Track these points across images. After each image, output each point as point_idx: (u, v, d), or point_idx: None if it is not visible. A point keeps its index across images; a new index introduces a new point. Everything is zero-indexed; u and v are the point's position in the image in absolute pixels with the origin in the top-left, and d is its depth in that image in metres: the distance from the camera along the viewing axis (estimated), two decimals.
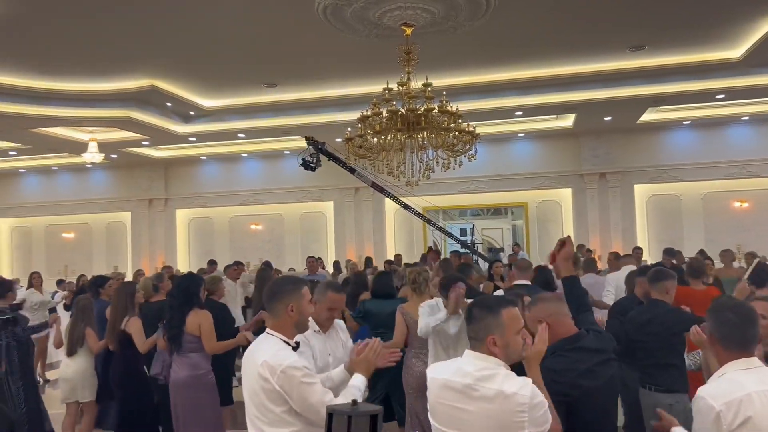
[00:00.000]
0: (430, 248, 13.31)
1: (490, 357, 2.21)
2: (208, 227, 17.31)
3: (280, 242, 16.65)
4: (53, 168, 17.61)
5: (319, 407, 2.33)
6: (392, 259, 12.87)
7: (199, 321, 4.53)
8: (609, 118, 12.89)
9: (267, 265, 11.22)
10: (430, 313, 4.43)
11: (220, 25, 8.08)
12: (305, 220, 16.62)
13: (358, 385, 2.56)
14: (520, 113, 12.39)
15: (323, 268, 12.55)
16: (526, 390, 2.12)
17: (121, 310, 5.19)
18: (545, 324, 2.53)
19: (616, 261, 8.26)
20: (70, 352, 5.44)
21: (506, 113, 12.29)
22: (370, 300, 5.83)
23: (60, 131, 12.93)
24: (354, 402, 1.29)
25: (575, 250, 10.10)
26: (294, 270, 14.03)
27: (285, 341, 2.60)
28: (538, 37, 8.97)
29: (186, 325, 4.52)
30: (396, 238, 15.95)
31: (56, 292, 10.78)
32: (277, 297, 2.68)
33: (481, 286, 7.08)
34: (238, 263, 9.43)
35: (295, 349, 2.60)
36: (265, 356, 2.48)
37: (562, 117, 13.60)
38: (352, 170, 7.16)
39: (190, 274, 5.05)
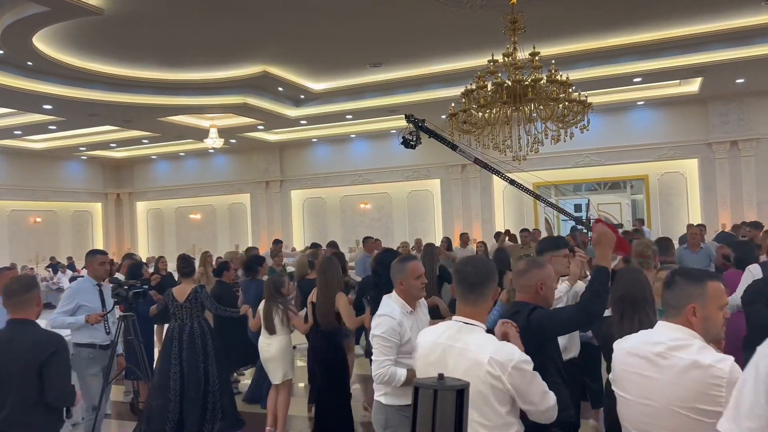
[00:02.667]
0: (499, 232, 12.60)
1: (685, 328, 2.08)
2: (321, 207, 17.91)
3: (388, 220, 16.89)
4: (180, 154, 19.00)
5: (543, 399, 2.23)
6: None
7: None
8: (741, 80, 11.75)
9: (447, 240, 11.29)
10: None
11: (324, 8, 8.22)
12: (412, 199, 16.72)
13: None
14: (639, 80, 11.59)
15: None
16: (725, 364, 1.94)
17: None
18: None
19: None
20: (271, 331, 5.36)
21: (623, 80, 11.54)
22: None
23: (184, 119, 13.88)
24: (440, 376, 1.27)
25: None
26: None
27: (487, 332, 2.35)
28: None
29: None
30: (505, 215, 15.63)
31: None
32: (488, 282, 2.39)
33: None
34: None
35: None
36: (488, 352, 2.20)
37: (686, 82, 12.56)
38: (453, 147, 7.03)
39: (389, 250, 4.93)
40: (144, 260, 10.69)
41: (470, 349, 2.25)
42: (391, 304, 3.24)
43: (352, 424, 5.05)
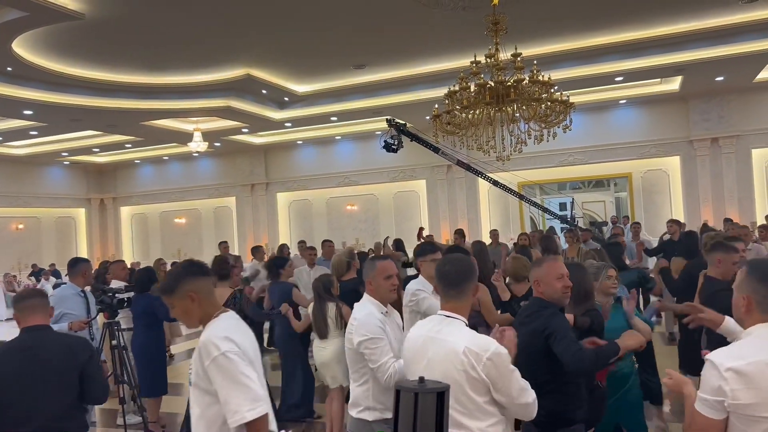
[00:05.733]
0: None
1: None
2: (307, 209, 17.87)
3: (375, 222, 16.90)
4: (164, 158, 18.86)
5: (521, 395, 2.29)
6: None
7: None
8: (721, 78, 11.90)
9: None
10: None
11: (307, 10, 8.21)
12: (399, 200, 16.75)
13: None
14: (620, 79, 11.71)
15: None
16: None
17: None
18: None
19: None
20: (322, 335, 5.03)
21: (605, 79, 11.65)
22: None
23: (168, 123, 13.79)
24: (421, 379, 1.28)
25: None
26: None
27: (467, 325, 2.44)
28: None
29: None
30: (491, 214, 15.70)
31: None
32: (470, 277, 2.50)
33: None
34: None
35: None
36: (464, 342, 2.29)
37: (667, 80, 12.71)
38: (435, 149, 7.07)
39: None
40: (129, 265, 10.57)
41: (448, 340, 2.36)
42: (366, 304, 3.05)
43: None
